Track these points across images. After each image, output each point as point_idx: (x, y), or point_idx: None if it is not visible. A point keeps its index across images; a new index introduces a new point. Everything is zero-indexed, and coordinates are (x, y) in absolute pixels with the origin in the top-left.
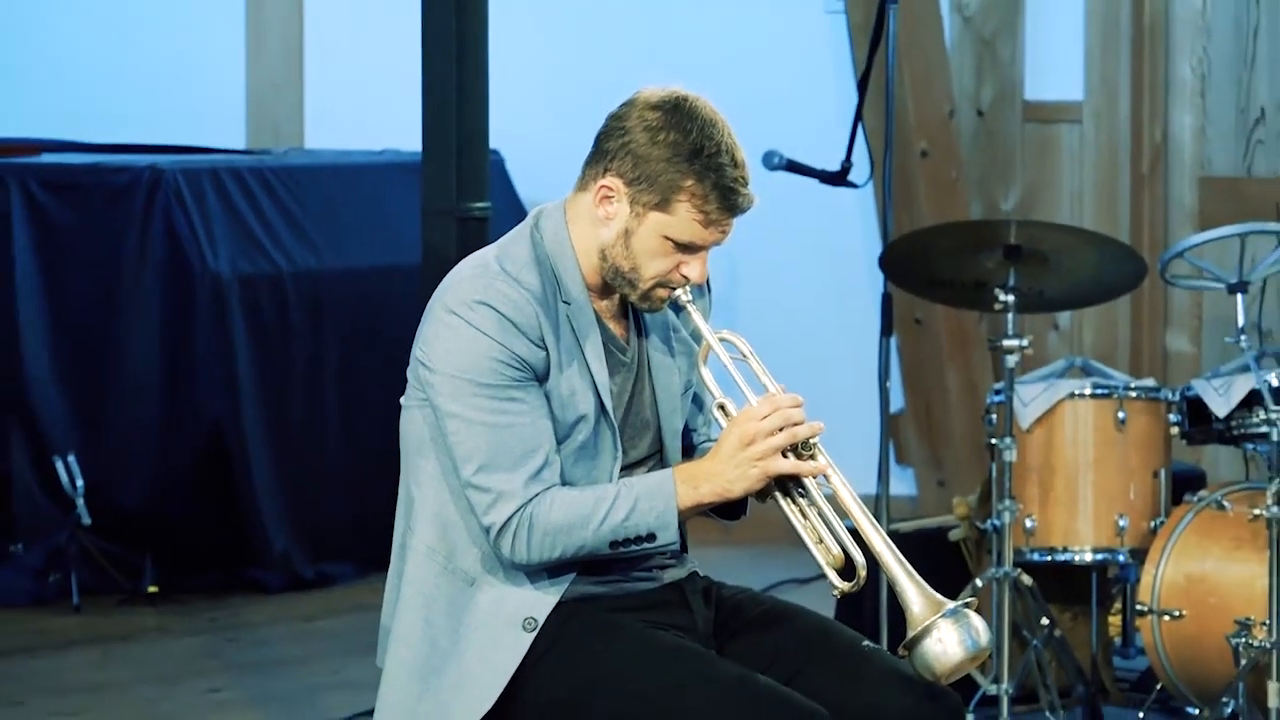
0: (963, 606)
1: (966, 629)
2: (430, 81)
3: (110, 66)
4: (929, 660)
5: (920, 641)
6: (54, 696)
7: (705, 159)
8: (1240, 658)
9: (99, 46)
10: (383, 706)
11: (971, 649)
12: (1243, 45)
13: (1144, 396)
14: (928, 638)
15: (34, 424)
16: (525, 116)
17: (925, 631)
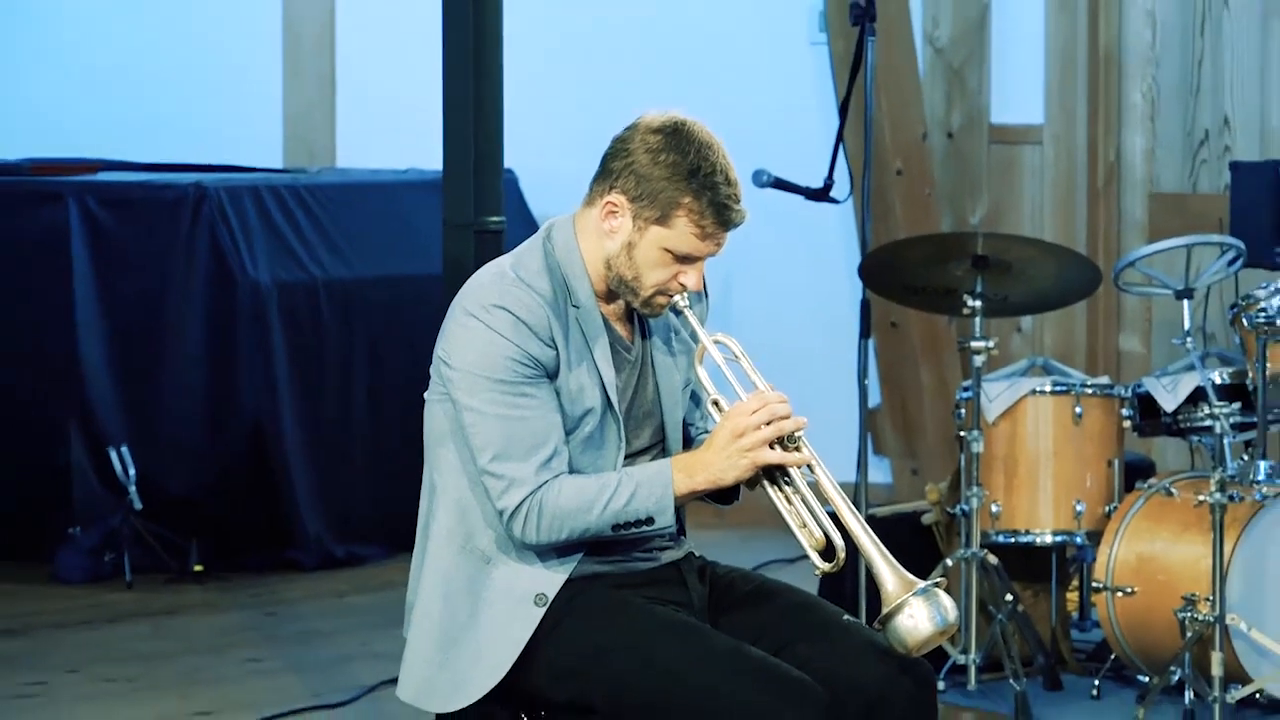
0: (933, 586)
1: (936, 606)
2: (450, 107)
3: (160, 93)
4: (901, 634)
5: (893, 617)
6: (108, 665)
7: (702, 178)
8: (1186, 630)
9: (151, 75)
10: (407, 674)
11: (940, 624)
12: (1188, 74)
13: (1099, 393)
14: (900, 614)
15: (90, 418)
16: (536, 138)
17: (898, 608)
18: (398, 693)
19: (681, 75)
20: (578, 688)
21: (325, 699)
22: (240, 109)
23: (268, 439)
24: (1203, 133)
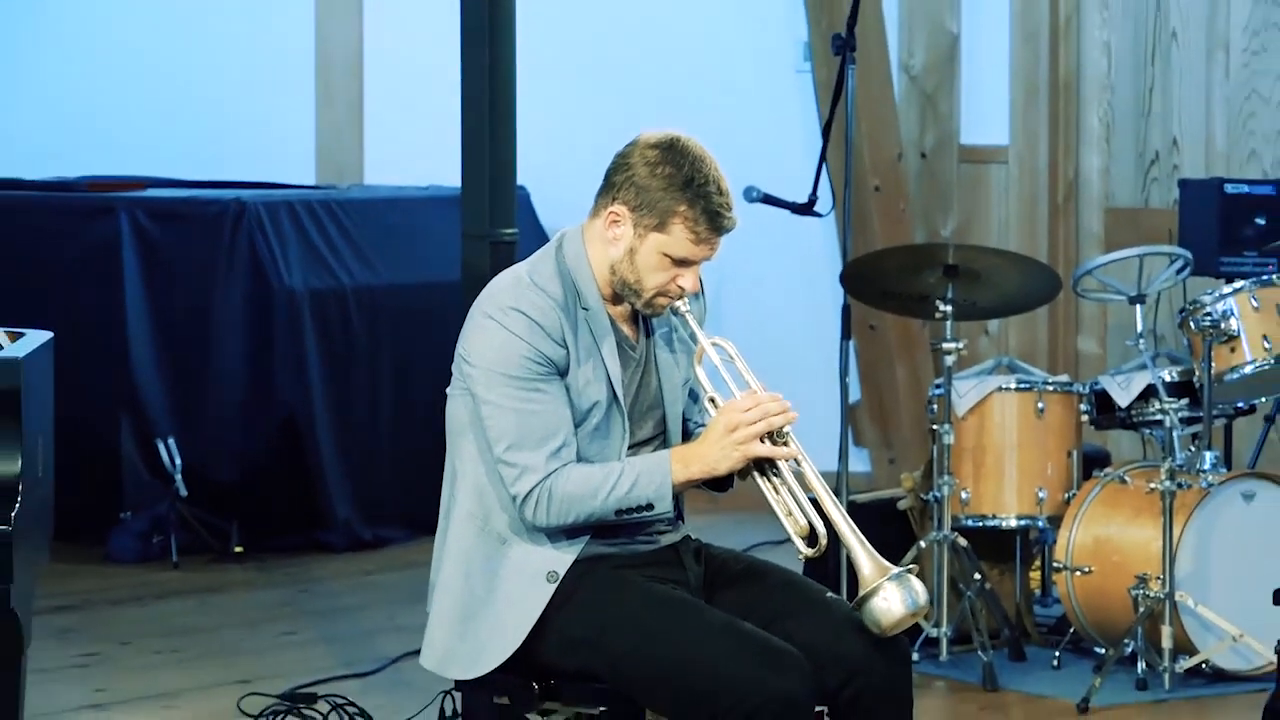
0: (905, 571)
1: (908, 590)
2: (467, 129)
3: (204, 117)
4: (876, 615)
5: (869, 600)
6: (156, 638)
7: (696, 188)
8: (1139, 606)
9: (195, 101)
10: (429, 645)
11: (911, 607)
12: (1140, 100)
13: (1059, 389)
14: (875, 596)
15: (140, 412)
16: (546, 158)
17: (873, 591)
18: (421, 661)
19: (680, 100)
20: (585, 658)
21: (354, 668)
22: (276, 131)
23: (301, 431)
24: (1153, 153)
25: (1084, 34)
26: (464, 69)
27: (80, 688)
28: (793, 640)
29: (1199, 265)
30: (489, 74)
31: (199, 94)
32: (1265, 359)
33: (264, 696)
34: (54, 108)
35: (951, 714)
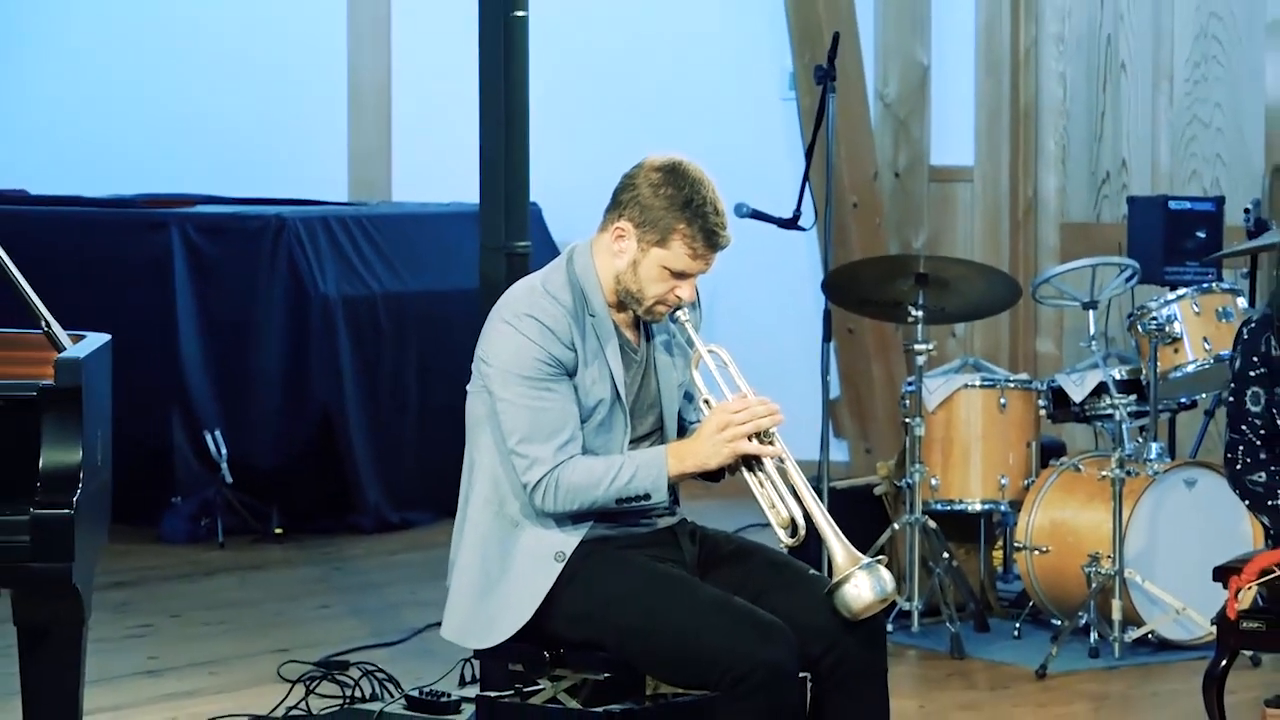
0: (875, 561)
1: (877, 578)
2: (485, 150)
3: (247, 140)
4: (847, 601)
5: (841, 586)
6: (204, 610)
7: (694, 209)
8: (1091, 582)
9: (239, 125)
10: (449, 617)
11: (880, 594)
12: (1093, 125)
13: (1019, 386)
14: (847, 584)
15: (189, 407)
16: (556, 177)
17: (845, 579)
18: (441, 632)
19: (677, 125)
20: (591, 630)
21: (382, 638)
22: (312, 152)
23: (335, 424)
24: (1104, 173)
25: (1042, 65)
26: (482, 97)
27: (135, 656)
28: (778, 613)
29: (1146, 274)
30: (505, 101)
31: (244, 120)
32: (1205, 359)
33: (301, 664)
34: (114, 133)
35: (922, 680)
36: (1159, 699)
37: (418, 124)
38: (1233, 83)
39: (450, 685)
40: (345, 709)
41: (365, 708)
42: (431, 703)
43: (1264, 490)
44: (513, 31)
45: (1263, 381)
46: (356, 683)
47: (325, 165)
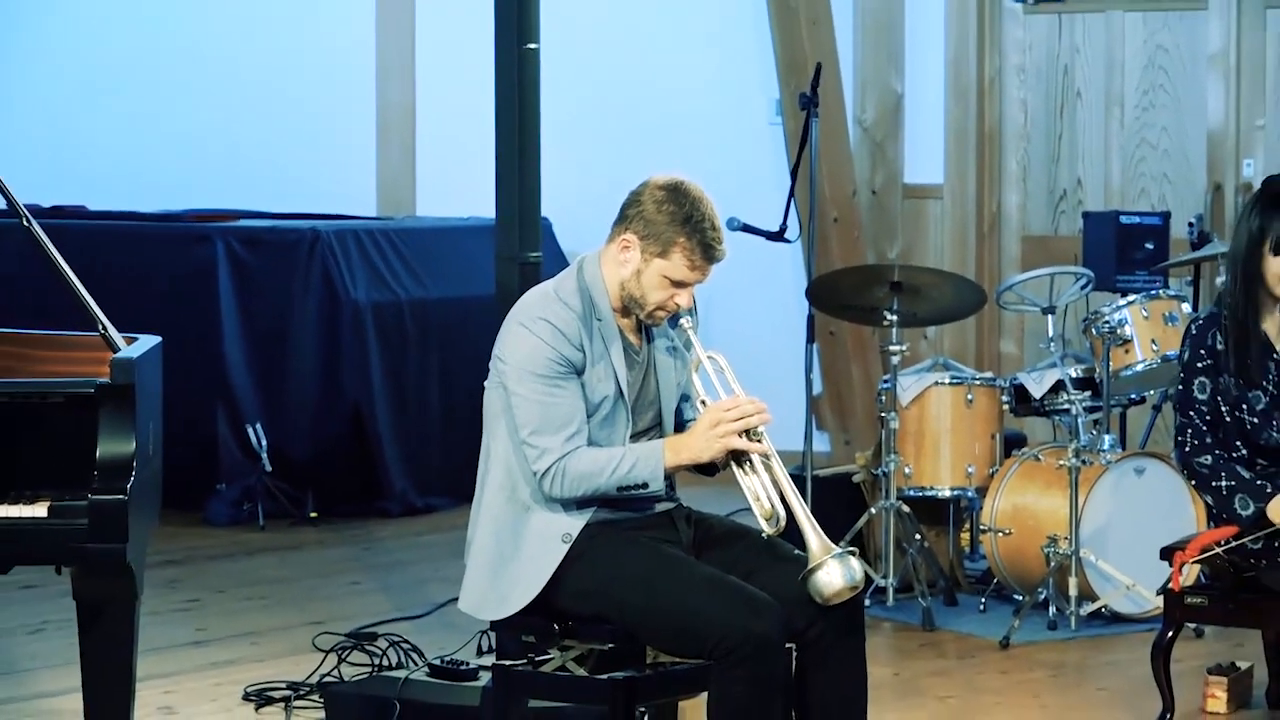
0: (846, 551)
1: (847, 567)
2: (501, 168)
3: (285, 160)
4: (819, 587)
5: (814, 573)
6: (246, 586)
7: (693, 224)
8: (1050, 561)
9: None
10: (465, 592)
11: (849, 581)
12: (1051, 147)
13: (984, 384)
14: (819, 571)
15: (233, 402)
16: (565, 195)
17: (818, 566)
18: (459, 605)
19: (674, 147)
20: (596, 605)
21: (407, 612)
22: (343, 171)
23: (364, 418)
24: (1062, 190)
25: (1005, 93)
26: (498, 121)
27: (184, 627)
28: (766, 590)
29: (1099, 282)
30: (518, 125)
31: (282, 142)
32: (1153, 359)
33: (334, 635)
34: (166, 154)
35: (896, 650)
36: (1111, 667)
37: (439, 146)
38: (1177, 109)
39: (469, 655)
40: (374, 676)
41: (392, 675)
42: (452, 670)
43: (1209, 472)
44: (525, 62)
45: (1208, 372)
46: (384, 652)
47: (355, 183)
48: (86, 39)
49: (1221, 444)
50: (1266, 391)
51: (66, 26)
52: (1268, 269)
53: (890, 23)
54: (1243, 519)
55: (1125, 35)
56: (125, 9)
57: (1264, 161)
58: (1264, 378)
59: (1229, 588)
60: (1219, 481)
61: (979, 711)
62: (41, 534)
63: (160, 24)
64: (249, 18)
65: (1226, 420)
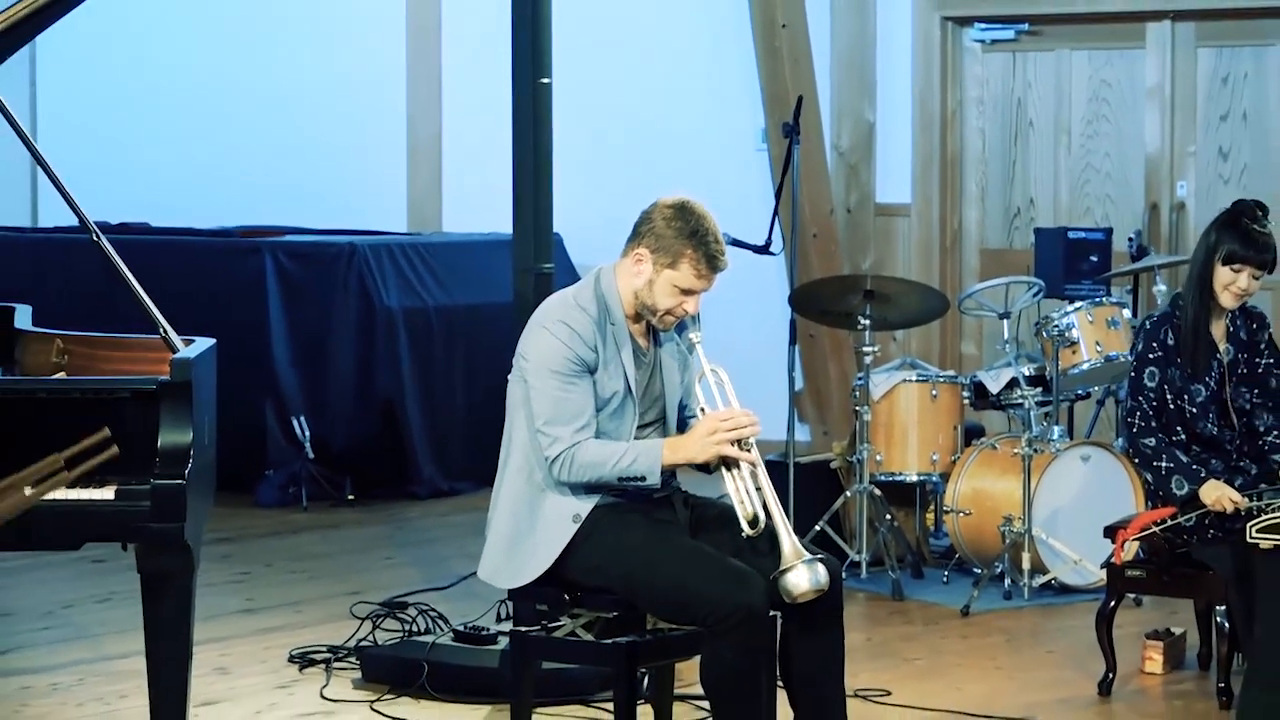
0: (816, 559)
1: (815, 572)
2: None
3: (325, 182)
4: (788, 587)
5: (785, 574)
6: (291, 561)
7: (699, 238)
8: (1005, 539)
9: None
10: (484, 563)
11: (815, 585)
12: (1007, 170)
13: (947, 381)
14: (790, 573)
15: (279, 397)
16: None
17: (789, 569)
18: (478, 574)
19: (672, 170)
20: (602, 577)
21: (434, 583)
22: (377, 192)
23: (396, 411)
24: (1016, 209)
25: (966, 123)
26: (515, 146)
27: (236, 597)
28: (754, 565)
29: (1049, 290)
30: (533, 150)
31: (323, 166)
32: (1097, 359)
33: (369, 604)
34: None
35: (869, 617)
36: (1060, 633)
37: (463, 169)
38: (1118, 137)
39: (489, 621)
40: (405, 640)
41: (421, 639)
42: (474, 635)
43: (1151, 453)
44: (540, 95)
45: (1158, 364)
46: (414, 619)
47: (388, 202)
48: (154, 79)
49: (1165, 428)
50: (1207, 386)
51: (136, 67)
52: (1217, 277)
53: (863, 60)
54: (1177, 498)
55: (1072, 71)
56: (189, 52)
57: (1195, 183)
58: (1207, 373)
59: (1165, 562)
60: (1159, 462)
61: (942, 671)
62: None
63: (218, 65)
64: (296, 59)
65: (1170, 408)
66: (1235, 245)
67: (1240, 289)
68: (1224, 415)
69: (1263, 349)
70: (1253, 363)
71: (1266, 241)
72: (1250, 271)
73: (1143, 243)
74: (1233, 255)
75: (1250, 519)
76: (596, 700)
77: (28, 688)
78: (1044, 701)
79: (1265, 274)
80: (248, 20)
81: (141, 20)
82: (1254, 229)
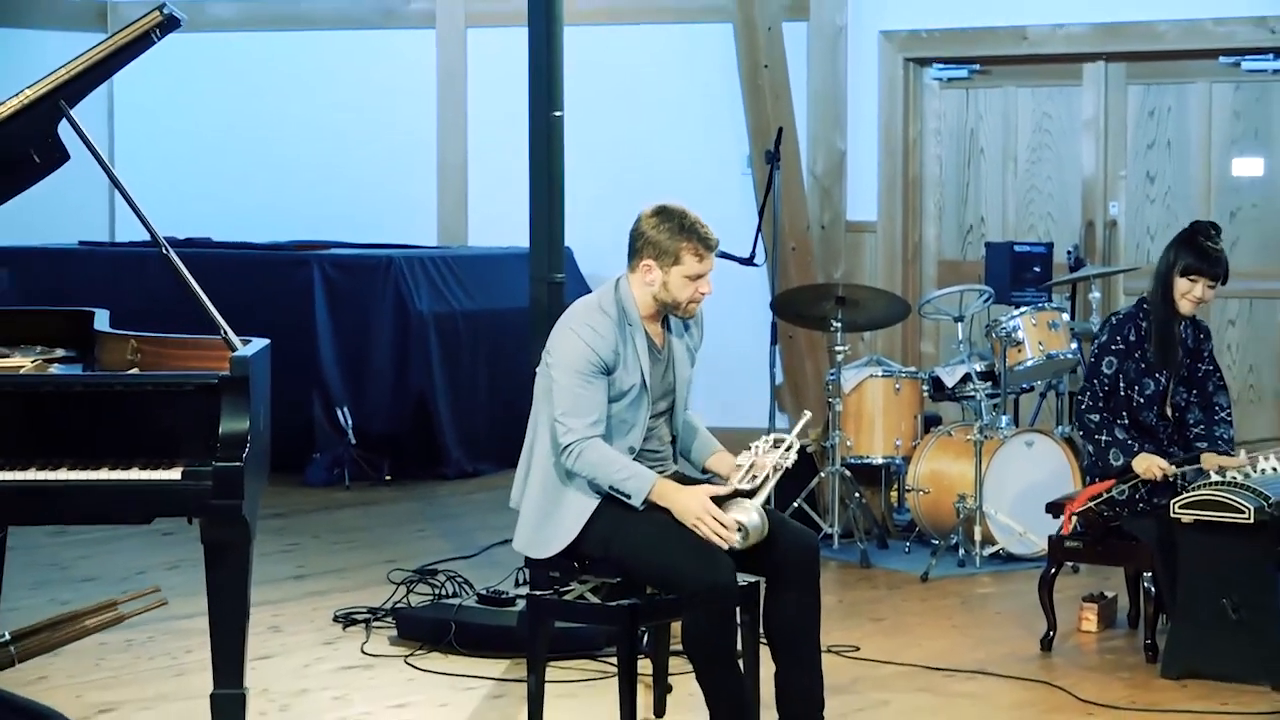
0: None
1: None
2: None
3: (366, 201)
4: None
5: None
6: (336, 533)
7: (687, 228)
8: (960, 514)
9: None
10: (517, 536)
11: (753, 526)
12: (961, 192)
13: (909, 376)
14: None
15: (325, 390)
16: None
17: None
18: (513, 545)
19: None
20: (608, 550)
21: (461, 553)
22: (411, 211)
23: (427, 402)
24: (969, 225)
25: (925, 150)
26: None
27: (287, 565)
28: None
29: (998, 297)
30: (547, 175)
31: (364, 187)
32: (1040, 356)
33: (403, 570)
34: (274, 196)
35: (840, 583)
36: (1007, 596)
37: (486, 191)
38: (1059, 163)
39: (509, 586)
40: (434, 603)
41: (449, 602)
42: (496, 599)
43: (1094, 427)
44: (553, 126)
45: (1119, 355)
46: (443, 584)
47: (420, 220)
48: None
49: (1111, 411)
50: (1158, 382)
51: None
52: (1176, 287)
53: (835, 96)
54: (1114, 469)
55: (1018, 106)
56: (250, 91)
57: (1125, 203)
58: (1163, 370)
59: (1099, 534)
60: (1100, 435)
61: (905, 630)
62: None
63: (274, 103)
64: (342, 97)
65: (1120, 394)
66: (1192, 259)
67: (1196, 297)
68: (1163, 409)
69: (1205, 356)
70: (1194, 368)
71: (1219, 257)
72: (1205, 282)
73: (1080, 255)
74: (1189, 268)
75: (1175, 496)
76: (602, 655)
77: (105, 644)
78: (993, 656)
79: (1219, 284)
80: (300, 65)
81: (208, 63)
82: (1208, 245)
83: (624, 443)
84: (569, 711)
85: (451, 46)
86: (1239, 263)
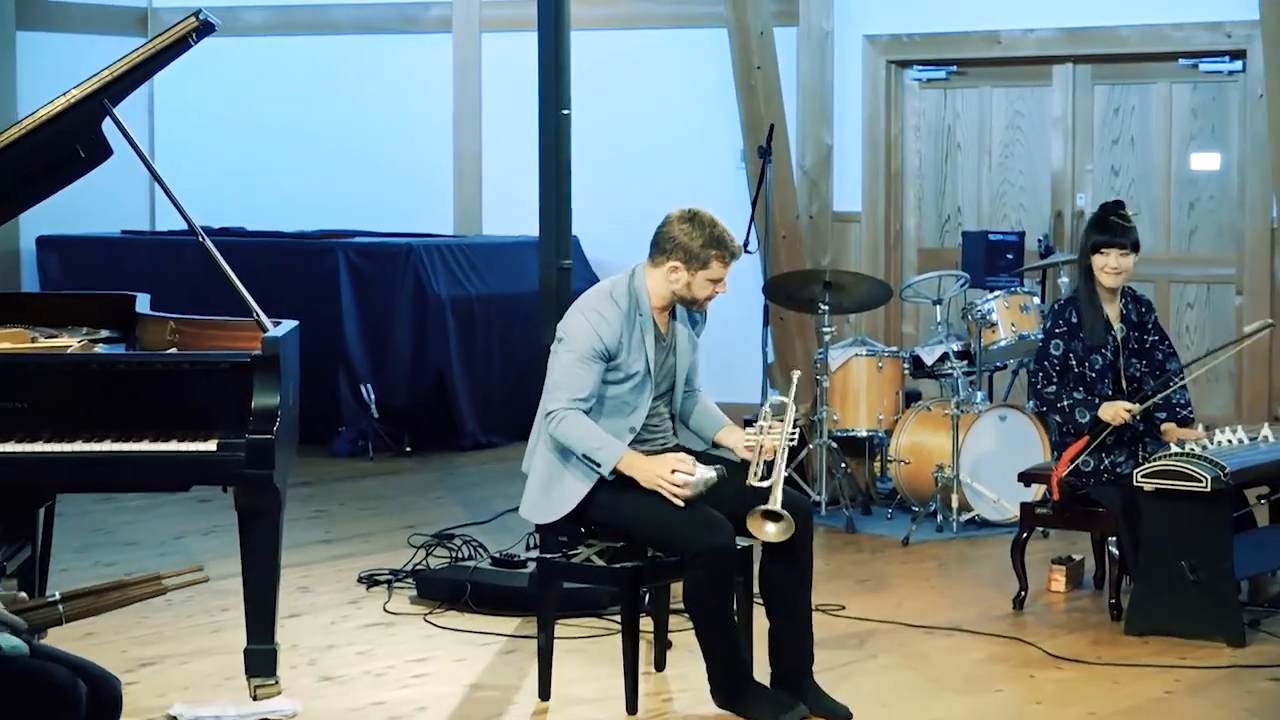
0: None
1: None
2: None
3: (388, 191)
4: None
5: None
6: (360, 500)
7: (720, 242)
8: (938, 483)
9: (384, 182)
10: (524, 503)
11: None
12: (939, 184)
13: (891, 355)
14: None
15: (350, 368)
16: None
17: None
18: (520, 513)
19: (668, 184)
20: (611, 516)
21: (476, 518)
22: (429, 201)
23: (445, 379)
24: (947, 215)
25: (906, 145)
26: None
27: (315, 531)
28: (739, 505)
29: (974, 282)
30: (556, 168)
31: (386, 179)
32: (1012, 337)
33: (423, 535)
34: (303, 187)
35: (827, 547)
36: (981, 559)
37: (499, 182)
38: (1030, 157)
39: (520, 550)
40: (452, 565)
41: (465, 564)
42: (508, 561)
43: (1053, 397)
44: (562, 124)
45: (1063, 337)
46: (459, 548)
47: (438, 210)
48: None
49: (1064, 384)
50: (1104, 356)
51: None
52: (1094, 264)
53: (823, 96)
54: (1083, 426)
55: (992, 104)
56: (279, 89)
57: (1091, 195)
58: (1103, 345)
59: (1067, 501)
60: (1062, 402)
61: (887, 590)
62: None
63: (303, 100)
64: (365, 95)
65: (1074, 371)
66: (1098, 235)
67: (1113, 268)
68: (1118, 382)
69: (1149, 327)
70: (1142, 339)
71: (1123, 226)
72: (1116, 252)
73: (1049, 243)
74: (1098, 243)
75: (1138, 466)
76: (607, 614)
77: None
78: (969, 615)
79: (1133, 253)
80: (326, 67)
81: (241, 65)
82: (1112, 219)
83: (626, 422)
84: (576, 666)
85: (467, 49)
86: (1197, 250)
